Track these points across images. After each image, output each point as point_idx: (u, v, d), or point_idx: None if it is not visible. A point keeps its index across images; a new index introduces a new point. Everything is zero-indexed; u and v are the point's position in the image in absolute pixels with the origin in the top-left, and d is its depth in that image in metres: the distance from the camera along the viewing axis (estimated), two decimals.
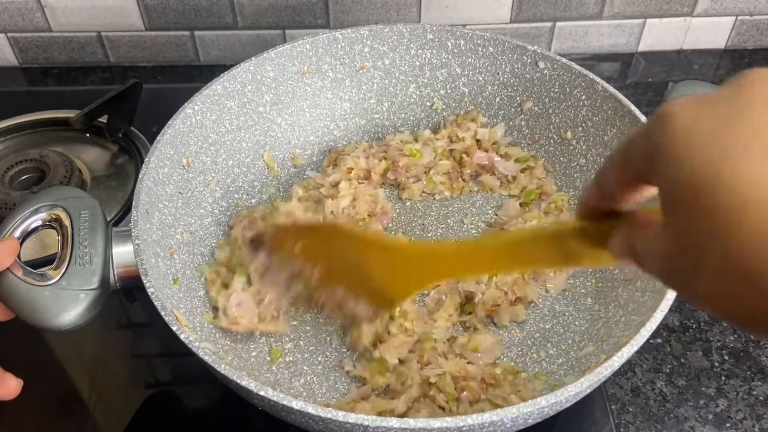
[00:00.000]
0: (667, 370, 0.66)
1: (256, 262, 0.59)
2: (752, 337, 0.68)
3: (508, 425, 0.46)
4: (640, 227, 0.33)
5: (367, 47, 0.78)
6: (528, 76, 0.75)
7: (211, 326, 0.63)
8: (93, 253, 0.55)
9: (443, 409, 0.57)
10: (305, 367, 0.63)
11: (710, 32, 1.01)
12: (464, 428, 0.44)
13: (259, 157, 0.77)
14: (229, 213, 0.73)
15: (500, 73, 0.77)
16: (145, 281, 0.53)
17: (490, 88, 0.78)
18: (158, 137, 0.64)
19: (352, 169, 0.74)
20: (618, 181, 0.33)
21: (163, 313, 0.51)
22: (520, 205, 0.74)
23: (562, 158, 0.75)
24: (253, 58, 0.73)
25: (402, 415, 0.56)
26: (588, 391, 0.48)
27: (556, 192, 0.74)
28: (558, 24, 0.98)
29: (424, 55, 0.79)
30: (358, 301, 0.54)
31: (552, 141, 0.76)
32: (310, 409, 0.45)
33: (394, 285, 0.53)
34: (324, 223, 0.65)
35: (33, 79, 1.01)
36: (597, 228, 0.37)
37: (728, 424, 0.62)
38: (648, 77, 1.00)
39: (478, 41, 0.76)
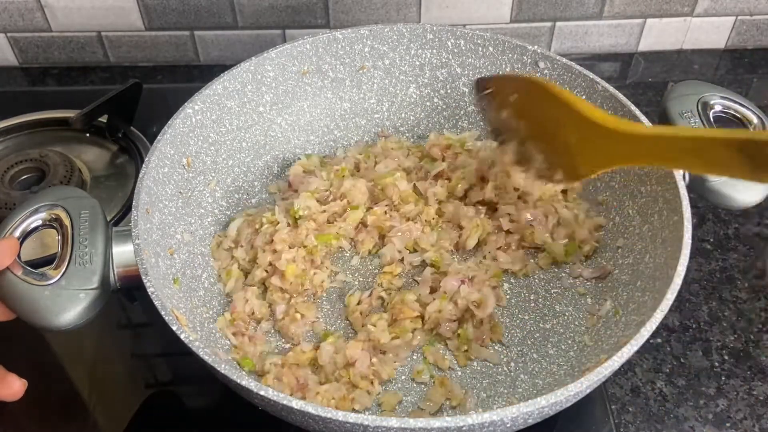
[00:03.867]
0: (667, 370, 0.66)
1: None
2: (752, 337, 0.68)
3: (508, 425, 0.46)
4: None
5: (367, 47, 0.78)
6: None
7: (211, 326, 0.63)
8: (93, 253, 0.55)
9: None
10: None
11: (710, 32, 1.01)
12: (464, 428, 0.44)
13: (259, 157, 0.77)
14: (229, 213, 0.73)
15: (500, 72, 0.77)
16: (145, 281, 0.53)
17: None
18: (158, 137, 0.64)
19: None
20: None
21: (163, 313, 0.51)
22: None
23: None
24: (253, 58, 0.73)
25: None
26: (588, 391, 0.48)
27: None
28: (558, 24, 0.98)
29: (424, 55, 0.79)
30: (548, 164, 0.60)
31: None
32: (310, 408, 0.45)
33: (585, 156, 0.56)
34: (540, 80, 0.64)
35: (33, 79, 1.01)
36: None
37: (728, 424, 0.62)
38: (648, 77, 1.00)
39: (478, 41, 0.76)
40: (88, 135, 0.88)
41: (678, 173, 0.60)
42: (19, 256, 0.54)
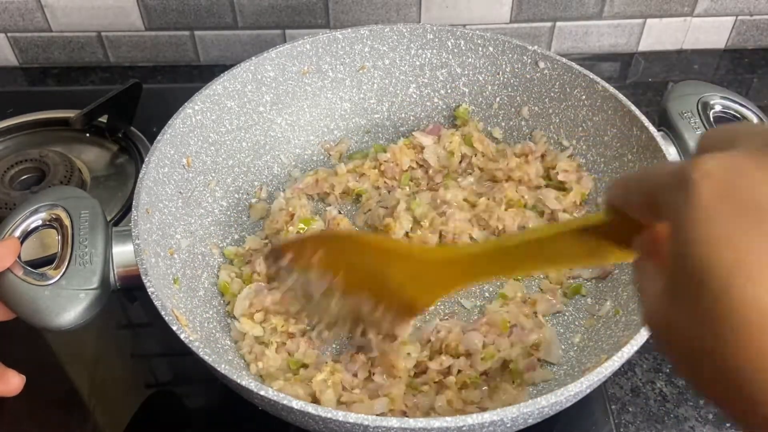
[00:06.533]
0: (667, 370, 0.66)
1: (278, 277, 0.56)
2: None
3: (508, 425, 0.46)
4: (654, 250, 0.31)
5: (367, 47, 0.78)
6: (528, 76, 0.75)
7: (211, 326, 0.63)
8: (93, 253, 0.55)
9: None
10: None
11: (710, 32, 1.01)
12: (464, 428, 0.44)
13: (259, 157, 0.77)
14: (229, 213, 0.73)
15: (500, 73, 0.77)
16: (145, 281, 0.53)
17: (490, 88, 0.78)
18: (158, 137, 0.64)
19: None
20: (638, 205, 0.31)
21: (163, 313, 0.51)
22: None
23: None
24: (253, 58, 0.73)
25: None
26: (588, 391, 0.48)
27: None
28: (558, 24, 0.98)
29: (424, 55, 0.79)
30: (380, 311, 0.52)
31: (552, 141, 0.76)
32: (310, 409, 0.45)
33: (417, 292, 0.51)
34: (341, 232, 0.62)
35: (33, 79, 1.01)
36: (623, 224, 0.34)
37: (728, 424, 0.62)
38: (648, 77, 1.00)
39: (478, 41, 0.76)
40: (88, 135, 0.88)
41: None
42: (19, 256, 0.54)
